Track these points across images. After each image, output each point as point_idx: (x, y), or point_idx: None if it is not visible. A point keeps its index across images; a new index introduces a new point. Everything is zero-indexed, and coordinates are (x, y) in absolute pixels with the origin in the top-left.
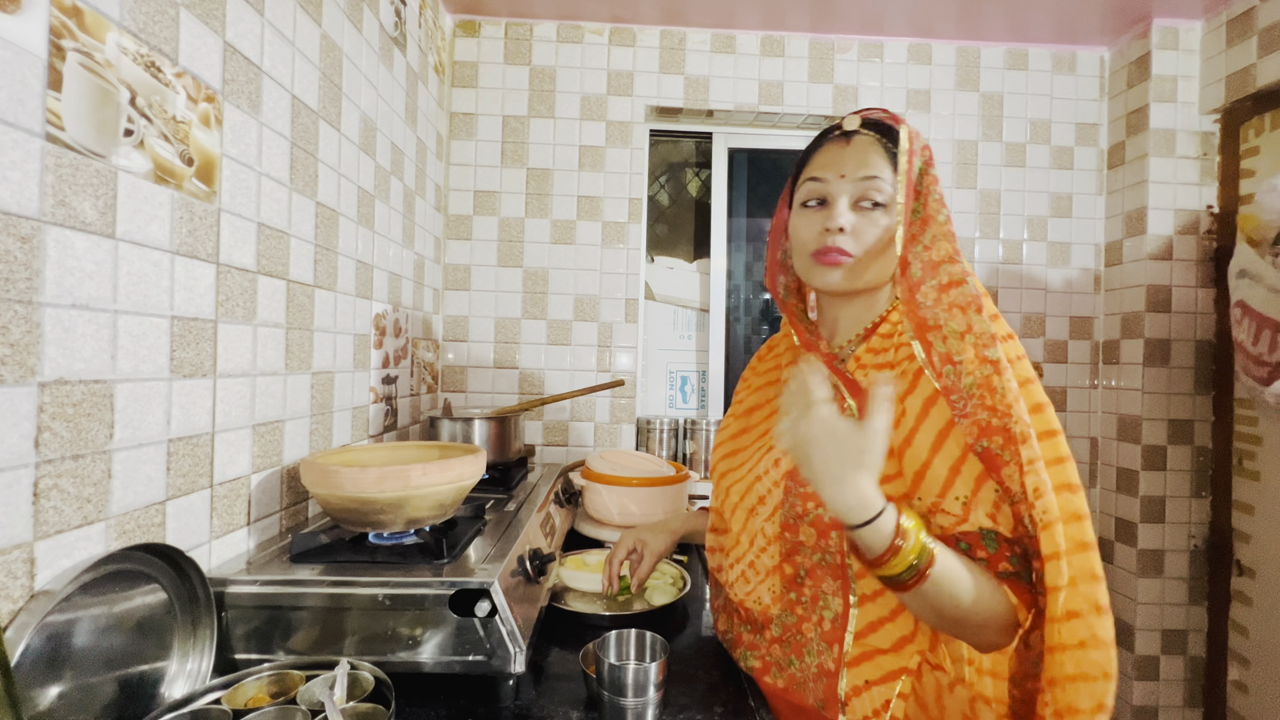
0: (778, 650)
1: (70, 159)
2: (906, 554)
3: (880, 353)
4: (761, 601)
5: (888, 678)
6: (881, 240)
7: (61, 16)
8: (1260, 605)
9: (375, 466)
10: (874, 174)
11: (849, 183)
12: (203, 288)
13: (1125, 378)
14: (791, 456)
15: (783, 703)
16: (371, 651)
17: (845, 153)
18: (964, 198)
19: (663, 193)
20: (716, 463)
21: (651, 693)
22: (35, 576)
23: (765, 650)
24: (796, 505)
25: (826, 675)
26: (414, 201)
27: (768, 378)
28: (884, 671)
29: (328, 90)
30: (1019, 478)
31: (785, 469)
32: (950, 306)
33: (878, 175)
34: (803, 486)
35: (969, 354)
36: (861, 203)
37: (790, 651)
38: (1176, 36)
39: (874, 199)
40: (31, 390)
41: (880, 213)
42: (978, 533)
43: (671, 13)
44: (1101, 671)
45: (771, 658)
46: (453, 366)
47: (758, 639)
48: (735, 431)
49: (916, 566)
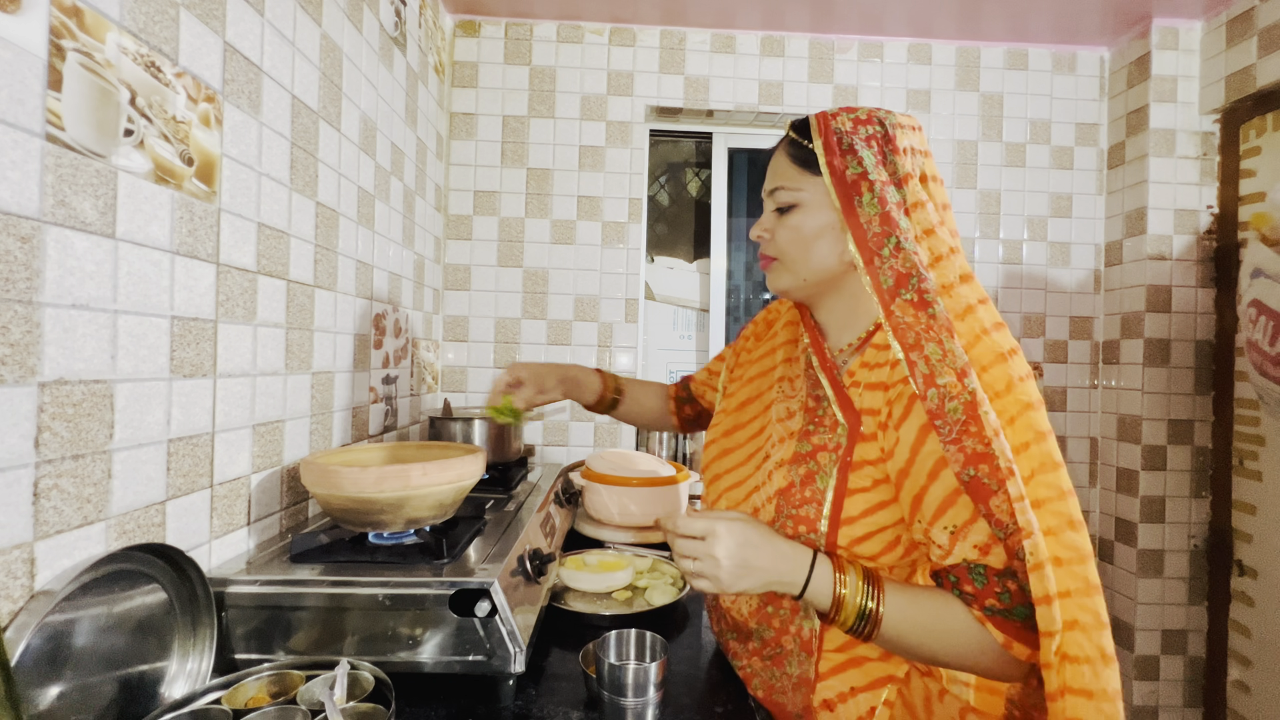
0: (758, 662)
1: (70, 159)
2: (845, 617)
3: (875, 368)
4: (742, 612)
5: (874, 685)
6: (795, 240)
7: (61, 16)
8: (1262, 606)
9: (375, 466)
10: (777, 185)
11: (767, 197)
12: (203, 288)
13: (1125, 378)
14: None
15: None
16: (371, 651)
17: (769, 167)
18: (964, 198)
19: (663, 193)
20: (709, 462)
21: (651, 693)
22: (35, 576)
23: (747, 661)
24: (788, 526)
25: (805, 684)
26: (414, 201)
27: (760, 366)
28: (871, 678)
29: (328, 90)
30: (1008, 508)
31: (778, 486)
32: (926, 328)
33: (780, 186)
34: (794, 508)
35: (950, 377)
36: (777, 209)
37: (770, 663)
38: (1176, 36)
39: (781, 204)
40: (31, 390)
41: (792, 214)
42: (964, 566)
43: (671, 13)
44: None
45: (752, 669)
46: (453, 366)
47: (741, 649)
48: (728, 428)
49: (860, 627)
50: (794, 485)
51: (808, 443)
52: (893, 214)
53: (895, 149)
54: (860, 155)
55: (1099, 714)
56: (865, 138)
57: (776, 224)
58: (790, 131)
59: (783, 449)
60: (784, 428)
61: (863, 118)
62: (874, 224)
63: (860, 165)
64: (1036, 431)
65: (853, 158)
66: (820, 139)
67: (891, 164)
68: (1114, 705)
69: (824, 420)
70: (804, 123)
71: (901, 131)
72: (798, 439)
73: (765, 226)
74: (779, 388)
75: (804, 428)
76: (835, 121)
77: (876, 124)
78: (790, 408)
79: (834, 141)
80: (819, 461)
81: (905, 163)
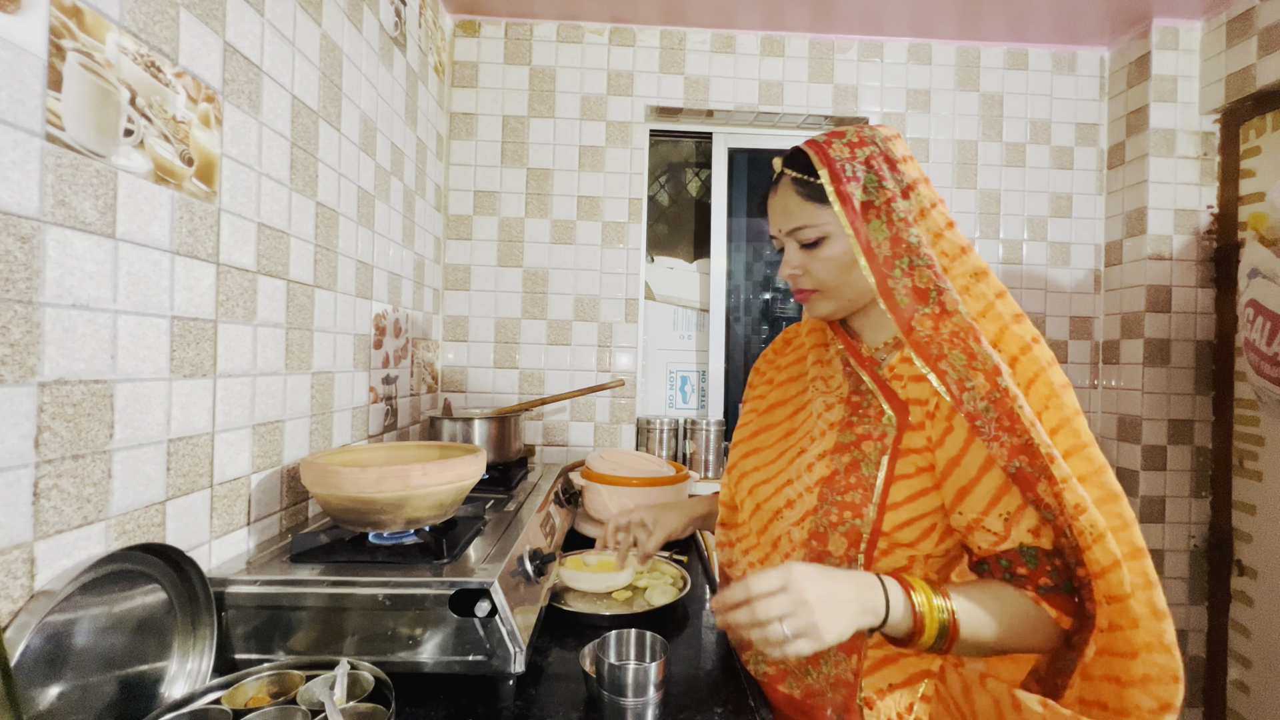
0: (793, 662)
1: (70, 159)
2: (928, 637)
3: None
4: None
5: (911, 680)
6: (834, 269)
7: (61, 16)
8: (1262, 606)
9: (375, 466)
10: (796, 224)
11: (784, 236)
12: (203, 288)
13: (1125, 378)
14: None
15: (795, 710)
16: (371, 651)
17: (774, 204)
18: (964, 198)
19: (663, 193)
20: (736, 460)
21: (651, 693)
22: (35, 576)
23: (779, 662)
24: (831, 514)
25: (845, 685)
26: (414, 201)
27: (789, 373)
28: (908, 674)
29: (328, 90)
30: (1052, 492)
31: (820, 475)
32: (951, 337)
33: (800, 224)
34: (839, 495)
35: (979, 379)
36: (803, 245)
37: (806, 662)
38: (1176, 36)
39: (806, 240)
40: (31, 390)
41: (823, 246)
42: (1018, 550)
43: (671, 13)
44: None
45: (787, 665)
46: (453, 366)
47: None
48: (756, 429)
49: (940, 645)
50: (838, 473)
51: (850, 433)
52: (902, 233)
53: (894, 163)
54: (862, 179)
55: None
56: (864, 160)
57: (807, 259)
58: (788, 169)
59: (824, 440)
60: (824, 420)
61: (855, 141)
62: (884, 247)
63: (866, 191)
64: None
65: (856, 184)
66: (825, 170)
67: (898, 177)
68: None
69: (868, 411)
70: (800, 157)
71: (893, 143)
72: (839, 429)
73: (795, 264)
74: (814, 386)
75: (846, 419)
76: (832, 151)
77: (871, 144)
78: (828, 401)
79: (839, 170)
80: (863, 450)
81: (909, 171)
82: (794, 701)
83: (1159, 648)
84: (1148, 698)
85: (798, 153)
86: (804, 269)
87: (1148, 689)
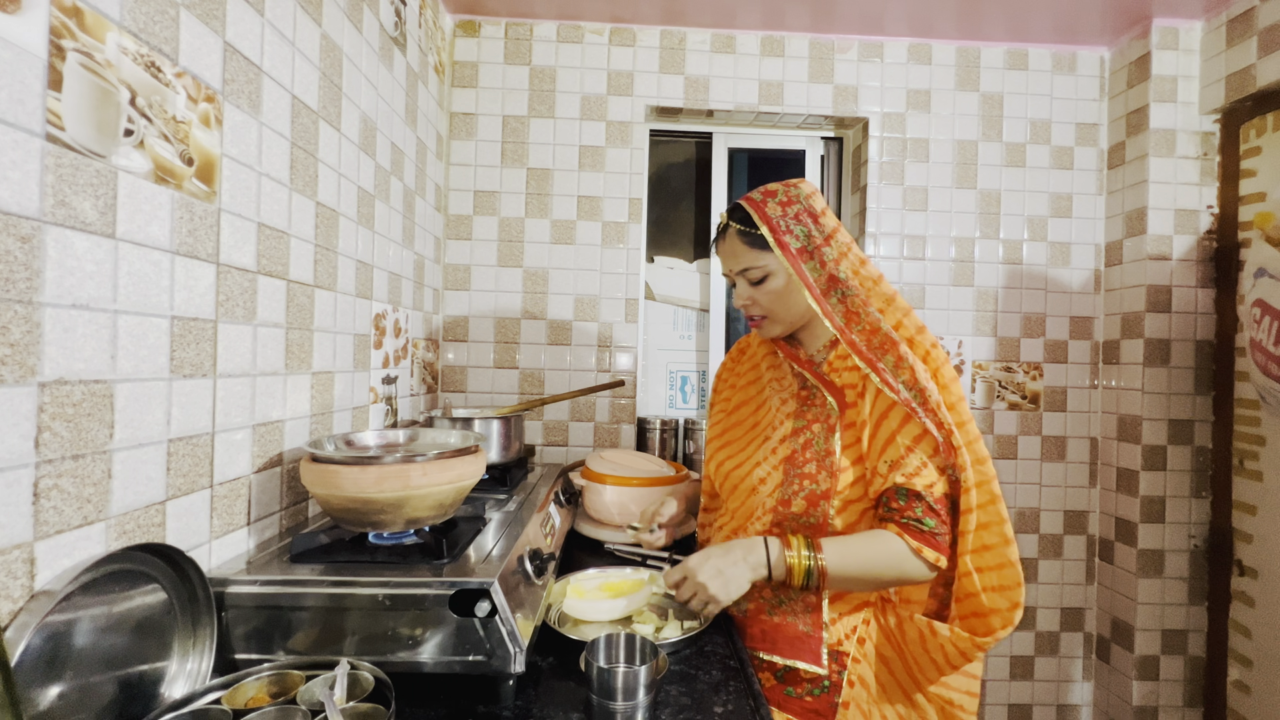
0: (769, 593)
1: (70, 159)
2: (797, 578)
3: (846, 356)
4: None
5: (856, 608)
6: (776, 298)
7: (61, 16)
8: (1263, 606)
9: (375, 466)
10: (744, 266)
11: (734, 274)
12: (203, 288)
13: (1125, 378)
14: (714, 595)
15: (776, 631)
16: (371, 651)
17: (723, 249)
18: (964, 198)
19: (663, 193)
20: (713, 453)
21: (641, 696)
22: (35, 576)
23: (758, 594)
24: (794, 483)
25: (812, 607)
26: (414, 201)
27: (747, 378)
28: (852, 605)
29: (328, 90)
30: (952, 452)
31: (783, 455)
32: (880, 345)
33: (747, 266)
34: (799, 468)
35: (906, 374)
36: (751, 282)
37: (779, 593)
38: (1176, 36)
39: (753, 279)
40: (31, 390)
41: (767, 282)
42: (893, 488)
43: (671, 13)
44: (1015, 581)
45: (764, 599)
46: (453, 366)
47: (754, 590)
48: (725, 427)
49: (807, 583)
50: (796, 451)
51: (803, 419)
52: (833, 270)
53: (816, 216)
54: (795, 231)
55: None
56: (794, 215)
57: (755, 293)
58: (733, 222)
59: (782, 428)
60: (781, 413)
61: (785, 200)
62: (820, 281)
63: (798, 239)
64: (954, 399)
65: (791, 236)
66: (765, 226)
67: (820, 228)
68: (1014, 570)
69: (814, 400)
70: (740, 211)
71: (814, 199)
72: (794, 418)
73: (745, 296)
74: (770, 386)
75: (798, 409)
76: (769, 209)
77: (797, 202)
78: (783, 396)
79: (776, 225)
80: (814, 431)
81: (829, 222)
82: (773, 625)
83: (1008, 564)
84: (1004, 600)
85: (738, 208)
86: (752, 300)
87: (1004, 594)
